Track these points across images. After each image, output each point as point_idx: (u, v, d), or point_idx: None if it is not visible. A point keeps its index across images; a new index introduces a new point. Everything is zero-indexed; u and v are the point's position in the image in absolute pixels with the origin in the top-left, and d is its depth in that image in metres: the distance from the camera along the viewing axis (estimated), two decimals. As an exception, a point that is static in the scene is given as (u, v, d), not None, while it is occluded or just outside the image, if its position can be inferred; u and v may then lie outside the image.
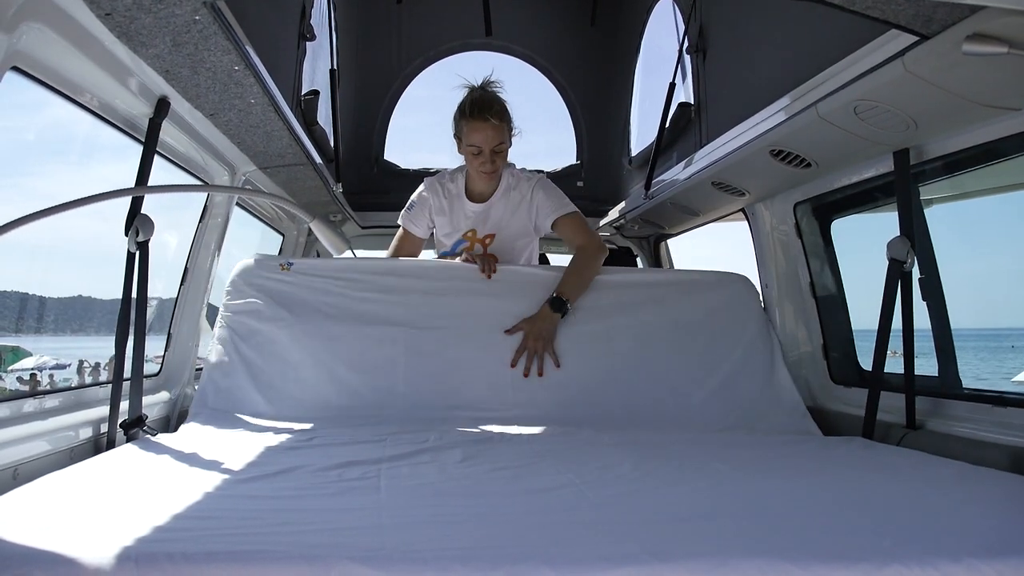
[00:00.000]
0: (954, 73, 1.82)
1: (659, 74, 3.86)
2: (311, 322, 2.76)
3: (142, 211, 2.25)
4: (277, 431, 2.35)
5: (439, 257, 3.22)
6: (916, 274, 2.44)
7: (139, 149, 2.31)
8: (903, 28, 1.72)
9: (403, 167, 4.74)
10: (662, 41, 3.95)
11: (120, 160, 2.49)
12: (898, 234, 2.42)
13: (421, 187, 3.19)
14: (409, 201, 3.18)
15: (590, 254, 3.02)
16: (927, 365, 2.47)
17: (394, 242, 3.23)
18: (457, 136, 3.00)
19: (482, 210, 3.10)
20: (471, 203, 3.10)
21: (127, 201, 2.26)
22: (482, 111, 2.89)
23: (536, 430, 2.49)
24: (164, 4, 1.62)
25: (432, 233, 3.23)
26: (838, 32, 2.11)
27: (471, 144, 2.92)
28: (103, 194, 1.60)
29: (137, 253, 2.24)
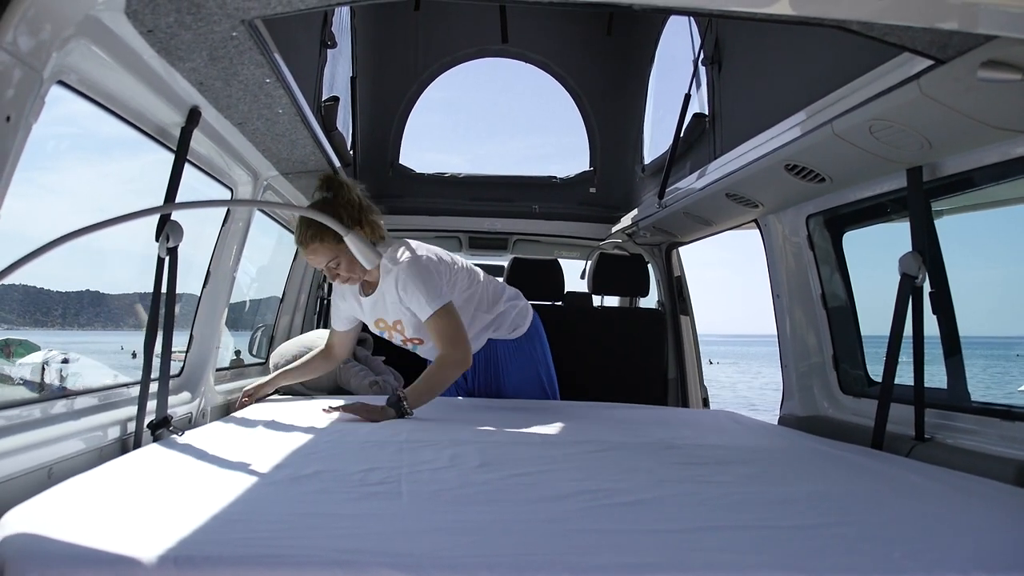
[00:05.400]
0: (969, 97, 1.86)
1: (673, 84, 3.89)
2: None
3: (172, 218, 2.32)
4: (297, 433, 2.40)
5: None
6: (927, 288, 2.47)
7: (159, 152, 2.38)
8: (919, 53, 1.76)
9: (418, 171, 4.80)
10: (677, 52, 3.98)
11: (131, 157, 2.54)
12: (910, 248, 2.46)
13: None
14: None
15: (447, 364, 2.81)
16: (938, 374, 2.50)
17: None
18: None
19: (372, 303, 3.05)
20: (364, 296, 3.07)
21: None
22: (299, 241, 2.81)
23: (551, 434, 2.52)
24: (205, 22, 1.67)
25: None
26: (854, 51, 2.14)
27: None
28: (140, 212, 1.68)
29: (167, 258, 2.31)
